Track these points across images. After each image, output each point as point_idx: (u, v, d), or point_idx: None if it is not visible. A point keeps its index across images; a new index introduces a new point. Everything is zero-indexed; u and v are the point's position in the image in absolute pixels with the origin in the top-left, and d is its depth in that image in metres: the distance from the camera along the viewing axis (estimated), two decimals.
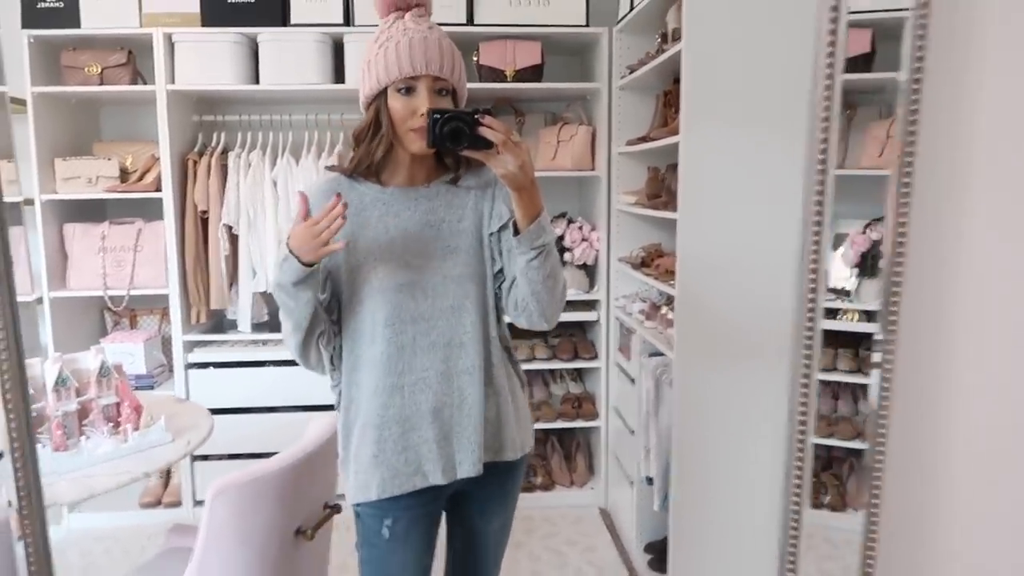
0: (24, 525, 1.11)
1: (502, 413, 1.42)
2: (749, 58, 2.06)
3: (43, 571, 1.12)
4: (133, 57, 2.87)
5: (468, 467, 1.37)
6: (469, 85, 1.42)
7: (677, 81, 2.25)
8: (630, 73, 2.74)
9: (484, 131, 1.20)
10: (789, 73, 2.01)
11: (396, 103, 1.30)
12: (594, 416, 3.15)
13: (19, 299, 1.07)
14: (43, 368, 1.73)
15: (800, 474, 1.01)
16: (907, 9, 0.87)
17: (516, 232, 1.31)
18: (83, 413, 1.79)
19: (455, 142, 1.21)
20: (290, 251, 1.26)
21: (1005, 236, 1.00)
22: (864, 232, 2.08)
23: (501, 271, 1.40)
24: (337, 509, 1.75)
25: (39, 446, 1.07)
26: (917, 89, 0.84)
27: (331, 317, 1.39)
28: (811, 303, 0.97)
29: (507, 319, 1.45)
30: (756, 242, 2.12)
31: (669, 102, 2.55)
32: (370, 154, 1.33)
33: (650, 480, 2.50)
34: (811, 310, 0.97)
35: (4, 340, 1.00)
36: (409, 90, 1.29)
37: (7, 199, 1.05)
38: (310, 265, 1.25)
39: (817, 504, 2.18)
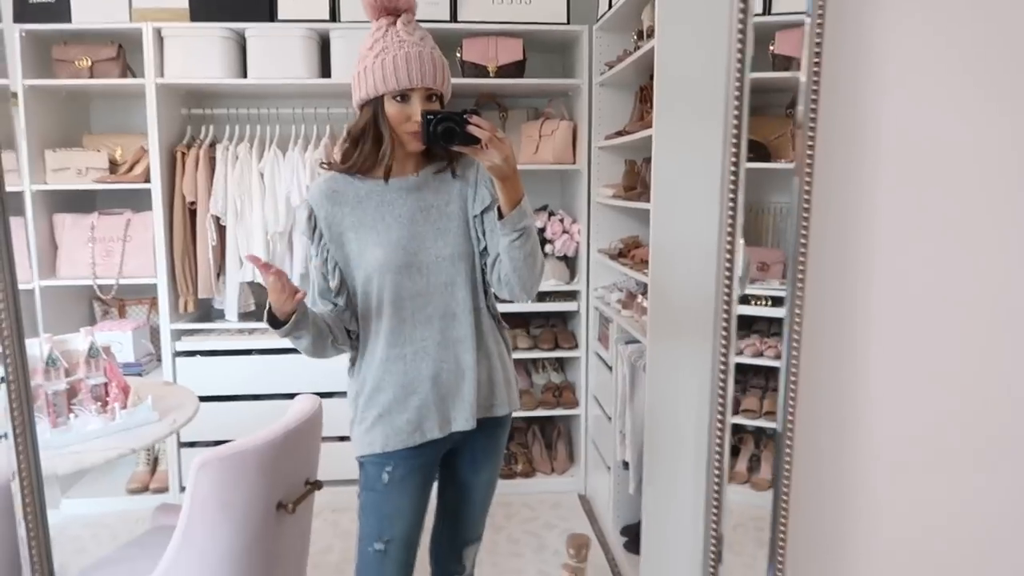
0: (24, 495, 1.19)
1: (493, 375, 1.59)
2: (714, 55, 2.13)
3: (40, 538, 1.20)
4: (123, 51, 2.93)
5: (462, 422, 1.55)
6: (453, 81, 1.57)
7: (652, 77, 2.33)
8: (609, 69, 2.81)
9: (472, 129, 1.35)
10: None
11: (392, 109, 1.46)
12: (574, 404, 3.23)
13: (21, 287, 1.15)
14: (40, 347, 1.79)
15: (720, 452, 1.09)
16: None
17: (501, 216, 1.46)
18: (72, 392, 1.85)
19: (448, 140, 1.37)
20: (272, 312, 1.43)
21: (906, 215, 1.08)
22: None
23: (486, 249, 1.55)
24: (318, 485, 1.81)
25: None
26: (816, 84, 0.92)
27: (341, 305, 1.55)
28: (727, 286, 1.04)
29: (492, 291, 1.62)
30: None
31: (645, 97, 2.63)
32: (364, 152, 1.49)
33: (626, 464, 2.57)
34: (727, 293, 1.05)
35: (7, 323, 1.07)
36: (404, 98, 1.45)
37: (9, 188, 1.13)
38: (285, 320, 1.41)
39: (742, 480, 2.24)
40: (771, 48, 1.65)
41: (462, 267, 1.53)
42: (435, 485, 1.67)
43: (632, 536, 2.61)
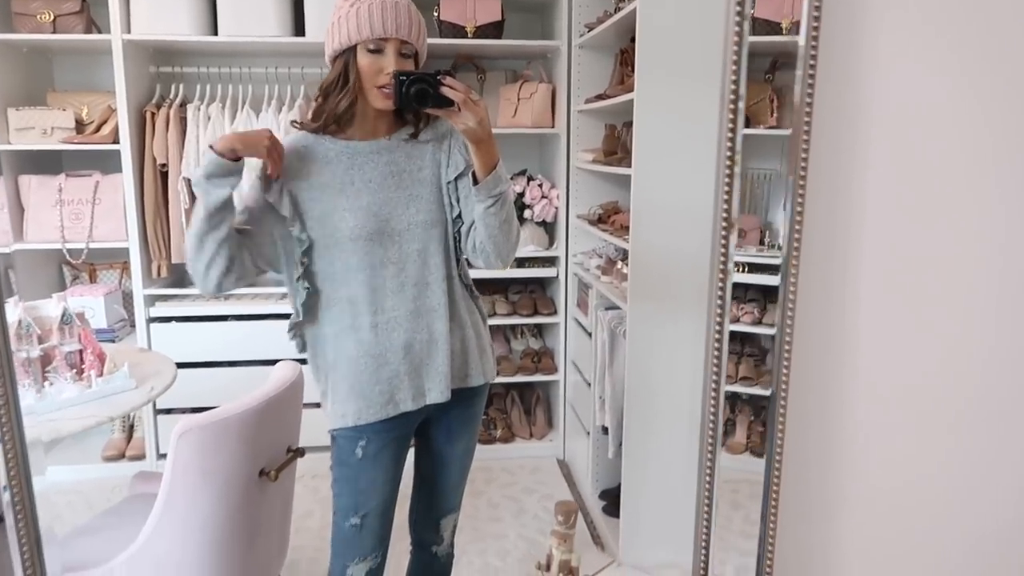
0: (8, 460, 1.16)
1: (466, 345, 1.56)
2: (701, 18, 2.11)
3: (26, 505, 1.18)
4: (87, 5, 2.82)
5: (436, 394, 1.51)
6: (430, 41, 1.52)
7: (634, 39, 2.30)
8: (589, 31, 2.77)
9: (446, 91, 1.32)
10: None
11: (364, 60, 1.40)
12: (553, 370, 3.24)
13: None
14: (12, 312, 1.75)
15: (715, 417, 1.09)
16: None
17: (475, 182, 1.42)
18: (46, 360, 1.81)
19: (421, 102, 1.33)
20: (212, 147, 1.36)
21: (901, 185, 1.09)
22: None
23: (459, 216, 1.51)
24: (300, 453, 1.81)
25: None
26: (814, 52, 0.91)
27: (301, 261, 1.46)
28: (723, 252, 1.04)
29: (465, 259, 1.58)
30: (705, 197, 2.19)
31: (626, 60, 2.60)
32: (336, 106, 1.43)
33: (605, 430, 2.60)
34: (723, 258, 1.05)
35: None
36: (377, 50, 1.40)
37: None
38: (234, 160, 1.35)
39: (738, 449, 2.28)
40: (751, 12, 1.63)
41: (435, 234, 1.49)
42: (411, 454, 1.65)
43: (611, 500, 2.65)
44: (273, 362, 1.81)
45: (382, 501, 1.54)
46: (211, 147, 1.36)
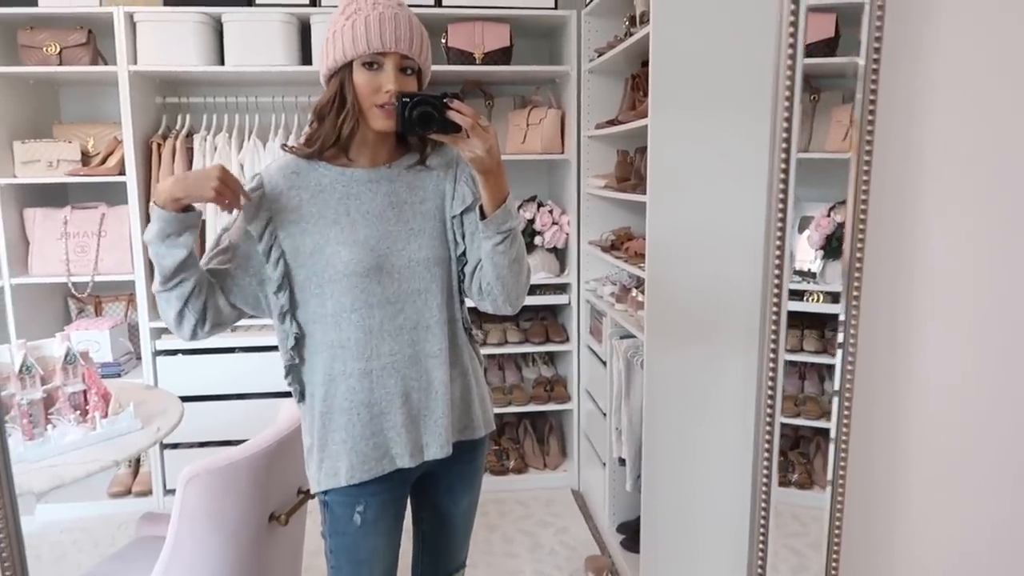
0: None
1: (467, 393, 1.44)
2: (716, 41, 2.07)
3: (16, 561, 1.11)
4: (93, 37, 2.80)
5: (436, 449, 1.38)
6: (438, 68, 1.42)
7: (645, 64, 2.26)
8: (599, 56, 2.74)
9: (453, 115, 1.21)
10: (756, 56, 2.03)
11: (361, 78, 1.27)
12: (566, 399, 3.18)
13: None
14: (11, 353, 1.70)
15: (769, 450, 1.04)
16: None
17: (483, 216, 1.31)
18: (49, 401, 1.76)
19: (425, 126, 1.22)
20: (154, 202, 1.22)
21: (964, 211, 1.03)
22: (828, 215, 2.12)
23: (464, 254, 1.40)
24: (311, 494, 1.75)
25: (6, 435, 1.06)
26: (876, 71, 0.86)
27: (277, 298, 1.34)
28: (777, 284, 0.99)
29: (469, 303, 1.46)
30: (724, 224, 2.14)
31: (637, 85, 2.57)
32: (336, 131, 1.30)
33: (622, 461, 2.53)
34: (777, 290, 0.99)
35: None
36: (375, 65, 1.27)
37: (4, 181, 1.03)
38: (182, 211, 1.21)
39: (785, 482, 2.22)
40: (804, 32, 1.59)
41: (437, 273, 1.36)
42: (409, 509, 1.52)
43: (629, 533, 2.58)
44: (281, 394, 1.75)
45: (385, 570, 1.43)
46: (153, 202, 1.21)
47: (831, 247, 2.12)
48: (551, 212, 3.07)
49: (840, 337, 1.00)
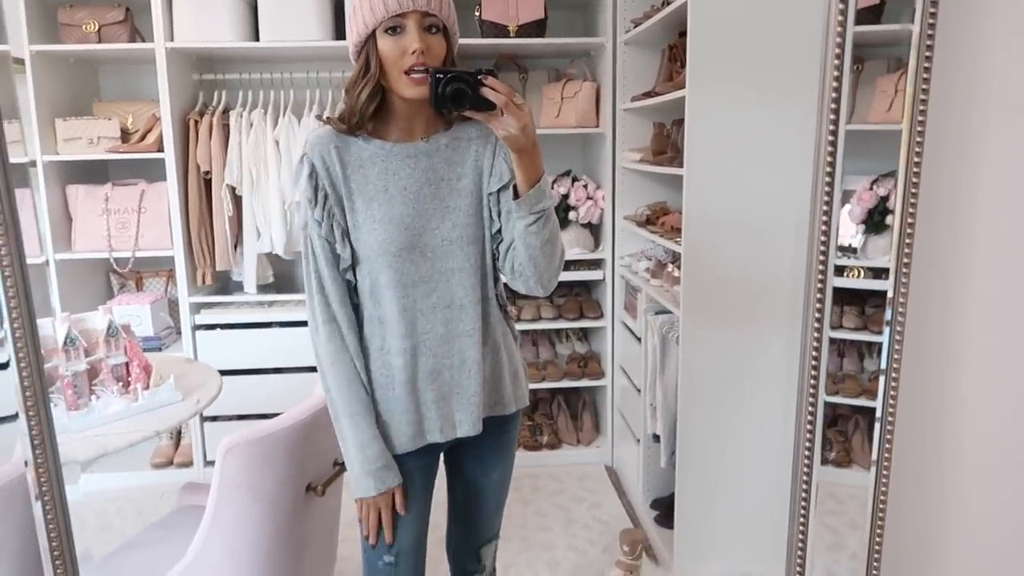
0: (41, 483, 1.13)
1: (499, 371, 1.44)
2: (756, 10, 2.02)
3: (61, 527, 1.14)
4: (131, 14, 2.83)
5: (468, 427, 1.40)
6: (471, 41, 1.38)
7: (683, 35, 2.21)
8: (634, 27, 2.69)
9: (487, 92, 1.18)
10: (797, 25, 1.97)
11: (385, 45, 1.25)
12: (600, 375, 3.17)
13: (28, 261, 1.08)
14: (53, 327, 1.74)
15: (812, 428, 1.01)
16: None
17: (516, 195, 1.29)
18: (93, 373, 1.80)
19: (457, 103, 1.19)
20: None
21: (1021, 187, 0.98)
22: (871, 188, 2.06)
23: (499, 232, 1.38)
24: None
25: (52, 405, 1.08)
26: (931, 38, 0.82)
27: (354, 282, 1.38)
28: (822, 260, 0.96)
29: (503, 281, 1.45)
30: (763, 198, 2.10)
31: (674, 56, 2.51)
32: (361, 104, 1.29)
33: (656, 437, 2.52)
34: (822, 267, 0.96)
35: (15, 300, 1.00)
36: (397, 29, 1.24)
37: (13, 160, 1.05)
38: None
39: (822, 460, 2.19)
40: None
41: (471, 251, 1.35)
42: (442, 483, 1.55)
43: (663, 510, 2.57)
44: (316, 369, 1.77)
45: (415, 536, 1.45)
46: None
47: (873, 221, 2.07)
48: (586, 187, 3.04)
49: (888, 315, 0.97)
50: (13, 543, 1.33)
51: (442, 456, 1.52)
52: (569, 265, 3.07)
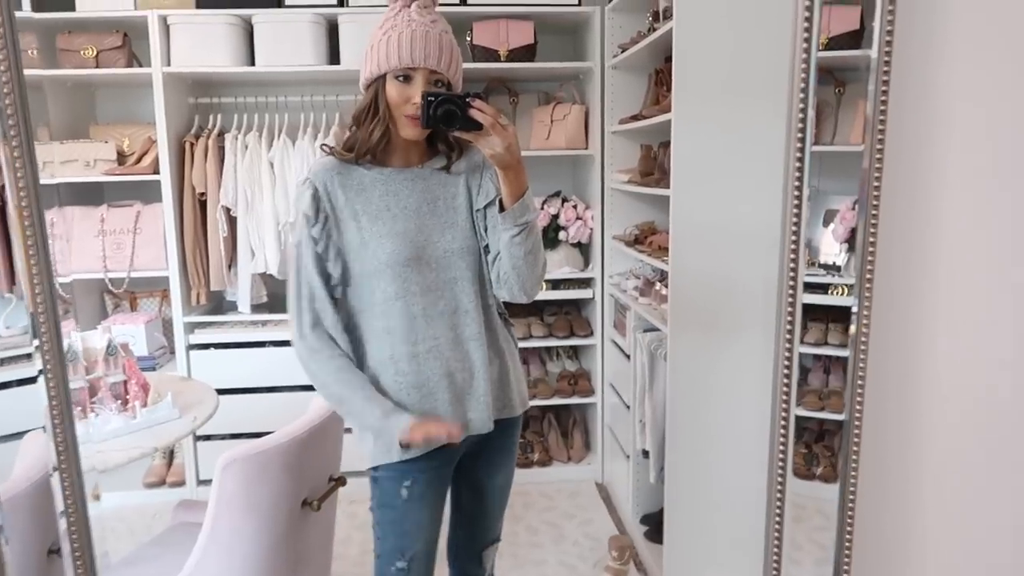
0: (64, 487, 1.18)
1: (504, 374, 1.54)
2: (740, 35, 2.09)
3: (82, 536, 1.18)
4: (128, 40, 2.88)
5: (480, 424, 1.48)
6: (464, 65, 1.49)
7: (669, 59, 2.28)
8: (622, 52, 2.76)
9: (474, 113, 1.30)
10: (778, 50, 2.04)
11: (393, 89, 1.38)
12: (590, 392, 3.21)
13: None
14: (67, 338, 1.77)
15: (784, 443, 1.06)
16: None
17: (502, 209, 1.41)
18: (91, 391, 1.83)
19: (448, 123, 1.31)
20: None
21: (978, 204, 1.04)
22: (853, 208, 2.12)
23: (487, 246, 1.50)
24: (342, 482, 1.80)
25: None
26: (887, 63, 0.88)
27: (335, 294, 1.46)
28: (792, 274, 1.01)
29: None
30: (748, 217, 2.16)
31: (661, 80, 2.58)
32: (368, 136, 1.41)
33: (646, 453, 2.55)
34: (792, 281, 1.01)
35: (44, 316, 1.05)
36: (406, 78, 1.38)
37: (42, 181, 1.11)
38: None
39: (809, 475, 2.22)
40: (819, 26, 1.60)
41: (471, 261, 1.48)
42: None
43: (653, 525, 2.60)
44: (310, 387, 1.80)
45: (427, 541, 1.51)
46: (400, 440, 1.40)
47: (855, 240, 2.13)
48: (575, 207, 3.10)
49: (852, 329, 1.02)
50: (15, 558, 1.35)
51: None
52: (559, 284, 3.12)
